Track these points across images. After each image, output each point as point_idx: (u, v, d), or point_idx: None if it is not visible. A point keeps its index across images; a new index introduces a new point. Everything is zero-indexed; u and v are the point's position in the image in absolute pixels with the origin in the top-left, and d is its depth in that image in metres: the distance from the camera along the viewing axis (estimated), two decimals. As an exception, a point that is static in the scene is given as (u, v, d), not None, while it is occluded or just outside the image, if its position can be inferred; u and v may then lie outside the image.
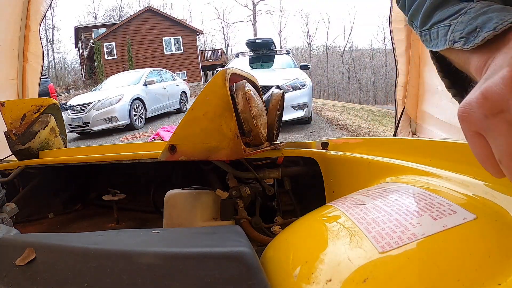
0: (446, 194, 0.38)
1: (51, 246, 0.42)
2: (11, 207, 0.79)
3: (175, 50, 22.55)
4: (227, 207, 0.79)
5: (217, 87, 0.69)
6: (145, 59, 21.06)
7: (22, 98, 2.16)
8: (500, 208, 0.33)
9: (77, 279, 0.37)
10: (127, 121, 7.61)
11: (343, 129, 6.25)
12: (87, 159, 0.97)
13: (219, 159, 0.72)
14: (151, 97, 8.62)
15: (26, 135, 1.12)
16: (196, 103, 0.70)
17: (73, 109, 7.48)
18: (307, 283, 0.32)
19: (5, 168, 1.10)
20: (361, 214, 0.39)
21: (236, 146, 0.69)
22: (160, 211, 1.09)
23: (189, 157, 0.72)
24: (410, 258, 0.30)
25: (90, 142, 6.89)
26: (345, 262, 0.32)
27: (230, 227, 0.55)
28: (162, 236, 0.49)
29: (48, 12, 2.39)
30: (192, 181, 0.89)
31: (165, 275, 0.35)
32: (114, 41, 21.08)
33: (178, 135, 0.72)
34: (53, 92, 7.52)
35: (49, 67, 29.23)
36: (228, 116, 0.69)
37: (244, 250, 0.38)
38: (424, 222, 0.33)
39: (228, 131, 0.69)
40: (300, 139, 5.43)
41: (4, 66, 2.11)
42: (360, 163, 0.64)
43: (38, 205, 1.17)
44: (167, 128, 6.42)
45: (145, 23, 21.73)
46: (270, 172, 0.85)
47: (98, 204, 1.28)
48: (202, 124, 0.70)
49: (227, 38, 36.42)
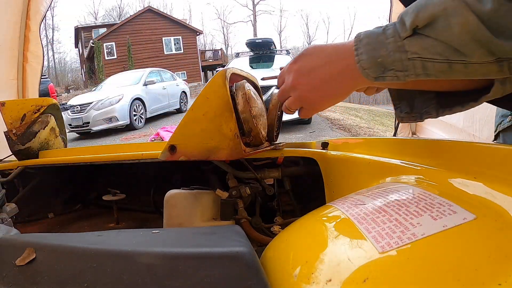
0: (446, 194, 0.38)
1: (51, 246, 0.42)
2: (11, 207, 0.79)
3: (175, 50, 22.55)
4: (227, 207, 0.79)
5: (217, 87, 0.69)
6: (145, 59, 21.07)
7: (22, 98, 2.16)
8: (500, 208, 0.33)
9: (77, 279, 0.37)
10: (127, 121, 7.61)
11: (343, 129, 6.25)
12: (87, 159, 0.97)
13: (219, 159, 0.72)
14: (151, 97, 8.62)
15: (26, 135, 1.12)
16: (196, 103, 0.70)
17: (73, 109, 7.48)
18: (307, 283, 0.32)
19: (5, 168, 1.10)
20: (361, 214, 0.39)
21: (236, 146, 0.69)
22: (160, 211, 1.09)
23: (189, 157, 0.72)
24: (410, 258, 0.30)
25: (90, 142, 6.89)
26: (345, 262, 0.32)
27: (230, 227, 0.55)
28: (162, 236, 0.49)
29: (48, 12, 2.39)
30: (192, 181, 0.89)
31: (165, 275, 0.35)
32: (114, 41, 21.08)
33: (178, 135, 0.72)
34: (53, 92, 7.52)
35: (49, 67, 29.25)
36: (228, 116, 0.69)
37: (244, 250, 0.38)
38: (424, 222, 0.33)
39: (228, 131, 0.69)
40: (300, 139, 5.43)
41: (4, 66, 2.11)
42: (360, 163, 0.64)
43: (38, 205, 1.18)
44: (167, 128, 6.42)
45: (145, 23, 21.73)
46: (270, 172, 0.85)
47: (98, 204, 1.28)
48: (202, 124, 0.70)
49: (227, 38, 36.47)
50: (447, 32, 0.39)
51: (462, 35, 0.39)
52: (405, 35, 0.42)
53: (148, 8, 22.98)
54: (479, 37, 0.38)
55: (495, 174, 0.41)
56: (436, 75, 0.42)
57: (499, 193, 0.35)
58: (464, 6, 0.38)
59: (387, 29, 0.44)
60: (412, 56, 0.42)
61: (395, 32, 0.43)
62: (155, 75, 9.45)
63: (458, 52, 0.40)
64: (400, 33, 0.42)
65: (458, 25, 0.38)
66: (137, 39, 21.26)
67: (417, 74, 0.43)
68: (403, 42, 0.42)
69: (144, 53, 21.45)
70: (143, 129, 7.82)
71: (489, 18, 0.37)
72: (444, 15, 0.39)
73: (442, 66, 0.41)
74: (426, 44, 0.41)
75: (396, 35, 0.43)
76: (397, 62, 0.43)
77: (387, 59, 0.43)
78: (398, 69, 0.43)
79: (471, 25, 0.38)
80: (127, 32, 21.17)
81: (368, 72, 0.45)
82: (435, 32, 0.40)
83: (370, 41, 0.45)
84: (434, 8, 0.40)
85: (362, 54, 0.45)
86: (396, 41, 0.43)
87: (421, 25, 0.41)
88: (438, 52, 0.41)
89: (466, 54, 0.40)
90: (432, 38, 0.41)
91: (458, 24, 0.38)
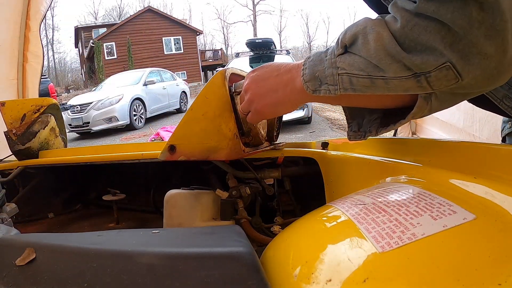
0: (446, 194, 0.38)
1: (51, 246, 0.42)
2: (11, 207, 0.79)
3: (175, 50, 22.56)
4: (227, 207, 0.79)
5: (216, 87, 0.69)
6: (145, 59, 21.07)
7: (22, 98, 2.16)
8: (500, 208, 0.33)
9: (77, 279, 0.37)
10: (127, 121, 7.62)
11: (343, 129, 6.24)
12: (87, 159, 0.97)
13: (218, 159, 0.72)
14: (151, 97, 8.63)
15: (26, 135, 1.12)
16: (196, 103, 0.70)
17: (73, 109, 7.48)
18: (307, 283, 0.32)
19: (5, 168, 1.10)
20: (361, 214, 0.39)
21: (235, 146, 0.69)
22: (160, 211, 1.09)
23: (188, 157, 0.72)
24: (410, 258, 0.30)
25: (90, 142, 6.89)
26: (345, 262, 0.32)
27: (230, 227, 0.55)
28: (162, 236, 0.49)
29: (48, 12, 2.39)
30: (192, 181, 0.89)
31: (165, 275, 0.35)
32: (114, 41, 21.08)
33: (177, 135, 0.72)
34: (53, 92, 7.52)
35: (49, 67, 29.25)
36: (228, 116, 0.69)
37: (244, 250, 0.38)
38: (424, 222, 0.33)
39: (228, 131, 0.69)
40: (300, 139, 5.43)
41: (4, 66, 2.10)
42: (360, 163, 0.64)
43: (38, 205, 1.17)
44: (167, 128, 6.42)
45: (145, 23, 21.73)
46: (270, 172, 0.85)
47: (98, 204, 1.28)
48: (201, 124, 0.70)
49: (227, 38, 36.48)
50: (366, 48, 0.43)
51: (377, 50, 0.42)
52: (338, 53, 0.46)
53: (148, 8, 22.98)
54: (392, 52, 0.40)
55: (495, 174, 0.41)
56: (361, 90, 0.46)
57: (499, 193, 0.35)
58: (382, 24, 0.42)
59: (329, 48, 0.49)
60: (341, 71, 0.46)
61: (332, 51, 0.47)
62: (155, 75, 9.45)
63: (377, 68, 0.43)
64: (335, 51, 0.47)
65: (373, 41, 0.42)
66: (137, 39, 21.26)
67: (345, 89, 0.46)
68: (336, 59, 0.46)
69: (144, 53, 21.45)
70: (143, 129, 7.82)
71: (400, 34, 0.40)
72: (364, 32, 0.43)
73: (366, 81, 0.44)
74: (352, 61, 0.45)
75: (332, 53, 0.47)
76: (329, 77, 0.47)
77: (323, 74, 0.48)
78: (330, 83, 0.47)
79: (384, 39, 0.41)
80: (127, 32, 21.17)
81: (308, 85, 0.50)
82: (358, 48, 0.44)
83: (314, 58, 0.50)
84: (357, 27, 0.44)
85: (306, 69, 0.50)
86: (331, 58, 0.47)
87: (348, 43, 0.45)
88: (361, 68, 0.44)
89: (384, 70, 0.42)
90: (357, 55, 0.44)
91: (373, 39, 0.42)
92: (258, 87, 0.58)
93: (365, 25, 0.43)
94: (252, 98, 0.59)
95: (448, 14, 0.37)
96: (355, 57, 0.44)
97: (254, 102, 0.59)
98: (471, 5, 0.36)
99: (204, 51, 25.92)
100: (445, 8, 0.37)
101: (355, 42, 0.44)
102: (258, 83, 0.58)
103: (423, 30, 0.39)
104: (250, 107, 0.60)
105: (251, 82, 0.59)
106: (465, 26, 0.37)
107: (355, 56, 0.44)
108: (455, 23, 0.37)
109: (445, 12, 0.37)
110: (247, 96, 0.60)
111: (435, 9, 0.38)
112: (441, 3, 0.37)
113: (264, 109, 0.59)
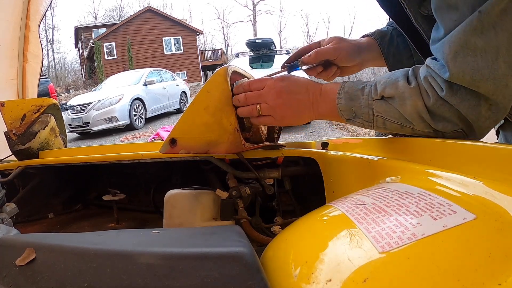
0: (446, 194, 0.38)
1: (51, 246, 0.42)
2: (11, 207, 0.79)
3: (175, 50, 22.57)
4: (227, 207, 0.79)
5: (219, 82, 0.69)
6: (145, 59, 21.08)
7: (22, 98, 2.16)
8: (500, 208, 0.33)
9: (77, 279, 0.37)
10: (127, 121, 7.62)
11: (343, 129, 6.25)
12: (87, 159, 0.97)
13: (218, 153, 0.72)
14: (151, 97, 8.63)
15: (26, 135, 1.12)
16: (197, 97, 0.71)
17: (73, 109, 7.49)
18: (307, 283, 0.32)
19: (5, 168, 1.10)
20: (361, 214, 0.39)
21: (236, 140, 0.70)
22: (160, 211, 1.09)
23: (188, 150, 0.72)
24: (410, 258, 0.30)
25: (90, 142, 6.90)
26: (345, 262, 0.32)
27: (230, 227, 0.55)
28: (162, 236, 0.49)
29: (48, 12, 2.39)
30: (192, 181, 0.89)
31: (165, 275, 0.35)
32: (114, 41, 21.09)
33: (178, 128, 0.73)
34: (53, 92, 7.53)
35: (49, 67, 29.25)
36: (229, 111, 0.69)
37: (244, 250, 0.38)
38: (424, 222, 0.33)
39: (228, 125, 0.69)
40: (300, 139, 5.44)
41: (4, 66, 2.10)
42: (360, 163, 0.64)
43: (38, 205, 1.17)
44: (167, 128, 6.43)
45: (145, 23, 21.74)
46: (270, 172, 0.85)
47: (98, 204, 1.28)
48: (202, 118, 0.70)
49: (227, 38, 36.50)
50: (403, 107, 0.56)
51: (412, 113, 0.56)
52: (375, 97, 0.58)
53: (148, 8, 22.98)
54: (423, 117, 0.55)
55: (495, 174, 0.41)
56: (391, 130, 0.60)
57: (499, 193, 0.35)
58: (418, 94, 0.55)
59: (365, 87, 0.59)
60: (377, 114, 0.58)
61: (369, 93, 0.59)
62: (155, 75, 9.46)
63: (407, 121, 0.57)
64: (373, 95, 0.58)
65: (410, 106, 0.55)
66: (137, 39, 21.27)
67: (378, 127, 0.60)
68: (373, 102, 0.58)
69: (144, 53, 21.46)
70: (143, 129, 7.82)
71: (430, 107, 0.54)
72: (402, 97, 0.56)
73: (396, 126, 0.58)
74: (388, 109, 0.57)
75: (369, 96, 0.59)
76: (365, 114, 0.59)
77: (359, 110, 0.60)
78: (365, 120, 0.60)
79: (418, 108, 0.55)
80: (127, 32, 21.17)
81: (343, 113, 0.61)
82: (395, 104, 0.57)
83: (349, 92, 0.61)
84: (397, 89, 0.56)
85: (341, 99, 0.61)
86: (367, 99, 0.59)
87: (387, 96, 0.57)
88: (395, 117, 0.57)
89: (413, 124, 0.57)
90: (393, 106, 0.57)
91: (410, 105, 0.55)
92: (287, 99, 0.65)
93: (403, 90, 0.55)
94: (280, 107, 0.65)
95: (465, 109, 0.52)
96: (391, 108, 0.57)
97: (277, 109, 0.66)
98: (482, 106, 0.52)
99: (204, 51, 25.93)
100: (463, 104, 0.52)
101: (393, 99, 0.56)
102: (288, 95, 0.65)
103: (447, 110, 0.53)
104: (272, 113, 0.66)
105: (281, 91, 0.65)
106: (475, 120, 0.53)
107: (391, 106, 0.57)
108: (468, 116, 0.53)
109: (463, 107, 0.52)
110: (273, 102, 0.65)
111: (456, 103, 0.52)
112: (461, 100, 0.52)
113: (283, 120, 0.67)
